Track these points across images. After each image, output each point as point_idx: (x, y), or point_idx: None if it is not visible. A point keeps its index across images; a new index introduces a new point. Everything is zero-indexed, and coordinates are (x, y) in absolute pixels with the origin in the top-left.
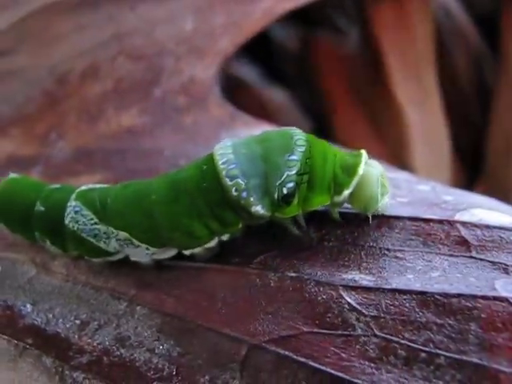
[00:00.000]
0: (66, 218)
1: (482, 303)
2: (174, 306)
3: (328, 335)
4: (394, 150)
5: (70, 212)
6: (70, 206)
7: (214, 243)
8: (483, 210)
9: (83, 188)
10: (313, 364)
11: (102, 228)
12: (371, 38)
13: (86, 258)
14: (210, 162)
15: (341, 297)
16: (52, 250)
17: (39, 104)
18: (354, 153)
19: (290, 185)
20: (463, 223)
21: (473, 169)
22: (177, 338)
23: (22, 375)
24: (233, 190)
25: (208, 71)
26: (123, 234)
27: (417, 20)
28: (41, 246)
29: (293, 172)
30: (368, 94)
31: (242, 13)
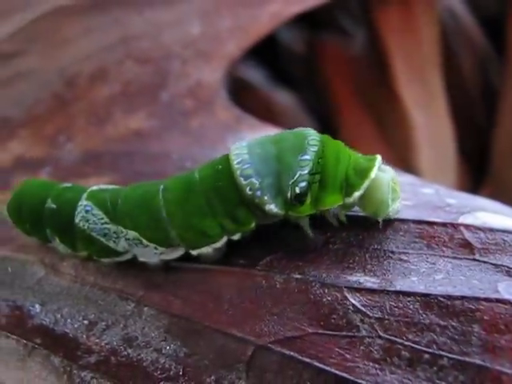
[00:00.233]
0: (76, 216)
1: (484, 305)
2: (180, 307)
3: (333, 336)
4: (400, 152)
5: (81, 211)
6: (80, 205)
7: (222, 243)
8: (487, 213)
9: (94, 188)
10: (317, 364)
11: (111, 227)
12: (377, 40)
13: (94, 258)
14: (226, 161)
15: (345, 298)
16: (61, 249)
17: (48, 106)
18: (369, 157)
19: (303, 184)
20: (467, 226)
21: (479, 171)
22: (184, 338)
23: (30, 374)
24: (247, 189)
25: (214, 75)
26: (132, 234)
27: (423, 22)
28: (50, 247)
29: (305, 171)
30: (374, 96)
31: (248, 17)
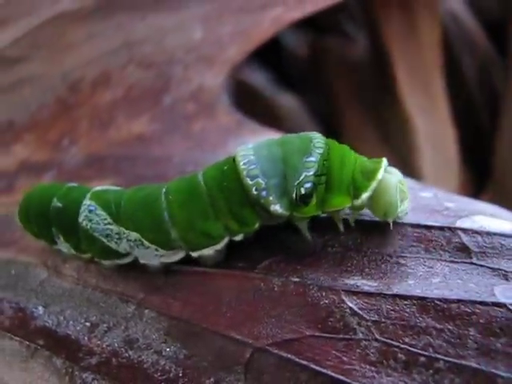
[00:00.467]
0: (80, 215)
1: (480, 309)
2: (180, 309)
3: (330, 339)
4: (402, 156)
5: (84, 210)
6: (84, 204)
7: (223, 244)
8: (484, 217)
9: (98, 188)
10: (314, 367)
11: (114, 229)
12: (379, 44)
13: (96, 261)
14: (232, 162)
15: (343, 302)
16: (65, 250)
17: (52, 111)
18: (375, 160)
19: (308, 185)
20: (464, 230)
21: (481, 175)
22: (183, 340)
23: (33, 375)
24: (253, 189)
25: (216, 79)
26: (134, 235)
27: (425, 26)
28: (52, 250)
29: (310, 173)
30: (376, 99)
31: (250, 22)
